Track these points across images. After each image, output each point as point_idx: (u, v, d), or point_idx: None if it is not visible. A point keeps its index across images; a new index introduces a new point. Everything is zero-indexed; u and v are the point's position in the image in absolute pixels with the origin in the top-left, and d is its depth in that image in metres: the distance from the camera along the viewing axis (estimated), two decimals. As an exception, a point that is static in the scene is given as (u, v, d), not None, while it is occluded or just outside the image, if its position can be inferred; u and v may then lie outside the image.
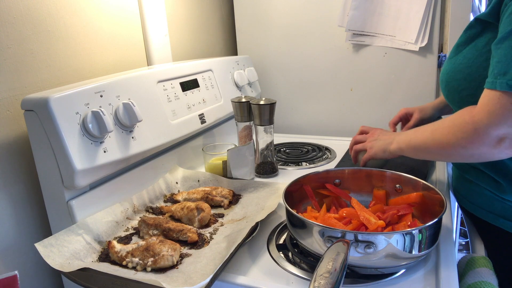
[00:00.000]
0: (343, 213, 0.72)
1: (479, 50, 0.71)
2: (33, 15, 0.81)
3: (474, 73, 0.71)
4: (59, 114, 0.69)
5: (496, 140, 0.62)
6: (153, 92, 0.92)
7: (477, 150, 0.65)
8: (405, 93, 1.30)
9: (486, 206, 0.79)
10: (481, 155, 0.66)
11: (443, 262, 0.64)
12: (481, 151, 0.64)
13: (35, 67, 0.82)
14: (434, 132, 0.72)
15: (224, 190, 0.91)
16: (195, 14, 1.36)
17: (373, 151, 0.88)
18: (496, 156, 0.65)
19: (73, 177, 0.71)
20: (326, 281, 0.49)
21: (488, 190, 0.78)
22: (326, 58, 1.37)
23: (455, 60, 0.77)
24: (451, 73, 0.77)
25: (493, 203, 0.78)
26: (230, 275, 0.64)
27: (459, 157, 0.70)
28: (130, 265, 0.66)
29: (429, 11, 1.18)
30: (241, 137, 1.09)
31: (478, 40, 0.73)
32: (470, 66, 0.72)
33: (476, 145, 0.64)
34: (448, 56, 0.81)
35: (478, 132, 0.63)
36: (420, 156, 0.78)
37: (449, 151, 0.69)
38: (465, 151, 0.66)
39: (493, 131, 0.61)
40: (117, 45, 1.04)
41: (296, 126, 1.50)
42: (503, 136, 0.61)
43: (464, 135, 0.65)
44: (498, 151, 0.63)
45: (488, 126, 0.61)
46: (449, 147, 0.68)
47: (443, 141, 0.69)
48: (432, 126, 0.74)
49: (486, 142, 0.63)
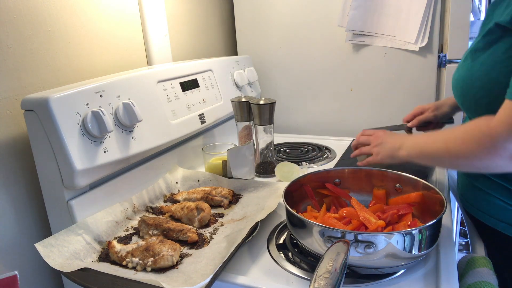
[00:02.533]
0: (343, 213, 0.72)
1: (498, 56, 0.68)
2: (33, 15, 0.81)
3: (493, 80, 0.68)
4: (59, 114, 0.69)
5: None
6: (153, 92, 0.92)
7: (493, 163, 0.63)
8: (405, 93, 1.30)
9: (496, 214, 0.78)
10: (496, 167, 0.64)
11: (443, 262, 0.64)
12: (497, 164, 0.63)
13: (35, 67, 0.82)
14: (448, 142, 0.69)
15: (224, 190, 0.91)
16: (195, 14, 1.36)
17: (380, 157, 0.85)
18: (509, 168, 0.63)
19: (73, 177, 0.71)
20: (326, 281, 0.49)
21: (499, 199, 0.77)
22: (326, 58, 1.37)
23: (472, 67, 0.74)
24: (467, 80, 0.74)
25: (504, 212, 0.76)
26: (230, 275, 0.64)
27: (473, 168, 0.68)
28: (130, 265, 0.66)
29: (429, 11, 1.18)
30: (241, 137, 1.09)
31: (497, 46, 0.69)
32: (489, 73, 0.69)
33: (493, 158, 0.62)
34: (462, 61, 0.78)
35: (496, 145, 0.61)
36: (431, 164, 0.77)
37: (463, 162, 0.67)
38: (480, 163, 0.64)
39: (510, 144, 0.59)
40: (117, 45, 1.04)
41: (296, 126, 1.50)
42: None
43: (480, 147, 0.63)
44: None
45: (506, 139, 0.59)
46: (464, 158, 0.66)
47: (458, 152, 0.67)
48: (444, 135, 0.72)
49: (504, 156, 0.61)
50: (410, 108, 1.06)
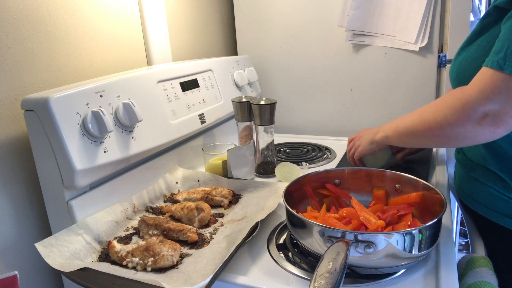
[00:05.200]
0: (343, 213, 0.72)
1: (494, 38, 0.69)
2: (33, 15, 0.81)
3: None
4: (59, 114, 0.69)
5: (480, 116, 0.63)
6: (153, 92, 0.92)
7: (462, 128, 0.65)
8: (405, 93, 1.30)
9: (492, 205, 0.79)
10: (465, 135, 0.66)
11: (443, 262, 0.64)
12: (466, 128, 0.65)
13: (35, 67, 0.82)
14: (423, 113, 0.73)
15: (224, 190, 0.91)
16: (195, 14, 1.36)
17: (361, 148, 0.90)
18: (480, 135, 0.65)
19: (73, 177, 0.71)
20: (326, 281, 0.49)
21: (494, 189, 0.78)
22: (326, 58, 1.37)
23: (469, 50, 0.75)
24: (464, 62, 0.76)
25: (500, 202, 0.77)
26: (230, 275, 0.64)
27: (445, 138, 0.70)
28: (130, 265, 0.66)
29: (429, 11, 1.18)
30: (242, 137, 1.09)
31: (494, 28, 0.71)
32: (485, 54, 0.69)
33: (462, 120, 0.65)
34: (461, 46, 0.80)
35: (465, 107, 0.64)
36: (406, 142, 0.79)
37: (436, 131, 0.70)
38: (451, 129, 0.67)
39: (479, 106, 0.62)
40: (117, 45, 1.04)
41: (296, 126, 1.50)
42: (487, 112, 0.62)
43: (451, 110, 0.66)
44: (482, 129, 0.64)
45: (476, 101, 0.63)
46: (436, 126, 0.69)
47: (431, 119, 0.70)
48: (421, 109, 0.75)
49: (471, 118, 0.64)
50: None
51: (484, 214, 0.80)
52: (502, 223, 0.77)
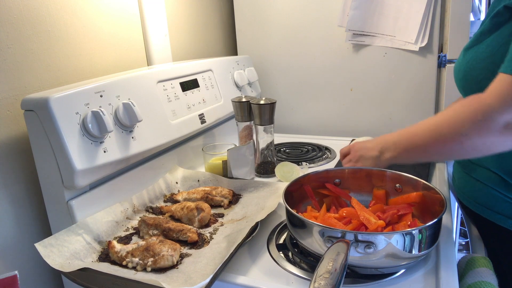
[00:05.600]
0: (343, 213, 0.72)
1: (505, 37, 0.67)
2: (33, 15, 0.81)
3: (498, 62, 0.66)
4: (59, 114, 0.69)
5: (503, 126, 0.59)
6: (153, 92, 0.92)
7: (481, 140, 0.62)
8: (405, 93, 1.30)
9: (494, 207, 0.78)
10: (484, 146, 0.63)
11: (443, 262, 0.64)
12: (485, 140, 0.61)
13: (35, 67, 0.82)
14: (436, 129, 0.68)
15: (224, 190, 0.91)
16: (195, 14, 1.36)
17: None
18: (501, 145, 0.62)
19: (73, 177, 0.71)
20: (326, 281, 0.49)
21: (496, 190, 0.77)
22: (326, 58, 1.37)
23: (477, 49, 0.73)
24: (472, 61, 0.73)
25: (502, 204, 0.76)
26: (230, 275, 0.64)
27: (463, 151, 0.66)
28: (130, 265, 0.66)
29: (429, 11, 1.18)
30: (242, 137, 1.09)
31: (504, 28, 0.68)
32: (494, 54, 0.68)
33: (484, 133, 0.61)
34: (467, 46, 0.77)
35: (486, 118, 0.60)
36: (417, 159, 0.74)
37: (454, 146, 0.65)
38: (471, 143, 0.63)
39: (501, 116, 0.59)
40: (117, 45, 1.04)
41: (296, 126, 1.50)
42: (510, 121, 0.59)
43: (471, 123, 0.62)
44: (504, 139, 0.61)
45: (498, 111, 0.59)
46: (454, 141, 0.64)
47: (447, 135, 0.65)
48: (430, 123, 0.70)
49: (493, 129, 0.60)
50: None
51: (486, 216, 0.80)
52: (505, 225, 0.76)
